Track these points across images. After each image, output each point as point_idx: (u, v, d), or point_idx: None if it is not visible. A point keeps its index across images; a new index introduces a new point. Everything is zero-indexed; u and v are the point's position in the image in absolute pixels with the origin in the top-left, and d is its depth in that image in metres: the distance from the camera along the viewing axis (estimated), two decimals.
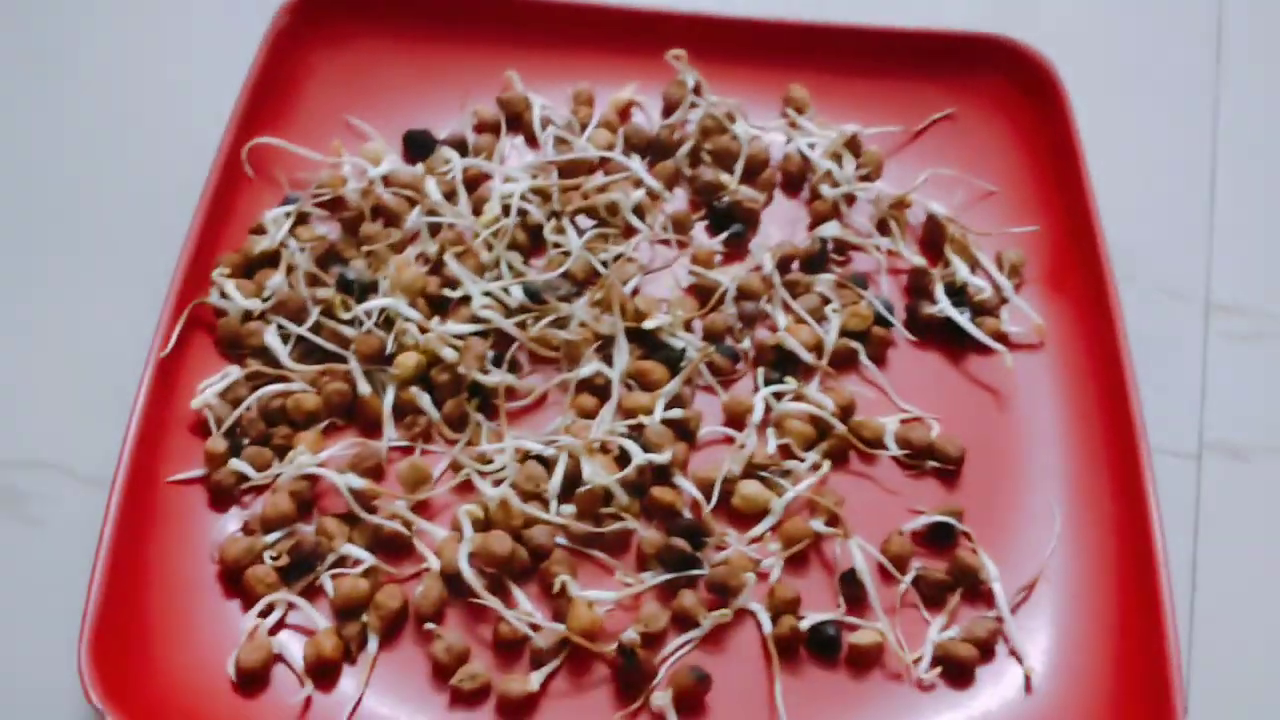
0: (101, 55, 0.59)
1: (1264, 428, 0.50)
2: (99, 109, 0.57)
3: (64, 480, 0.47)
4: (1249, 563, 0.47)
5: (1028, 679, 0.42)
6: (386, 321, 0.48)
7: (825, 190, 0.52)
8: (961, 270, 0.51)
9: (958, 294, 0.50)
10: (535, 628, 0.42)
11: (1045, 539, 0.45)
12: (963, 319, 0.49)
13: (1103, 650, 0.43)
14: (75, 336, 0.50)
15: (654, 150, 0.54)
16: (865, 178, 0.53)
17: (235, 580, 0.43)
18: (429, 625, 0.42)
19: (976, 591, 0.44)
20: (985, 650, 0.43)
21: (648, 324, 0.48)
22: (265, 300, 0.48)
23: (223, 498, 0.45)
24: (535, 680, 0.42)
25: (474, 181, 0.52)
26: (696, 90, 0.54)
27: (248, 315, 0.48)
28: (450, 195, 0.51)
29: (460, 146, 0.53)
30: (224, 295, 0.48)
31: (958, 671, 0.42)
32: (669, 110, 0.55)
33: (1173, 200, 0.56)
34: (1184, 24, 0.61)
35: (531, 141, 0.54)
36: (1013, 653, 0.43)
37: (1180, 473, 0.48)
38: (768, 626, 0.43)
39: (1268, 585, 0.46)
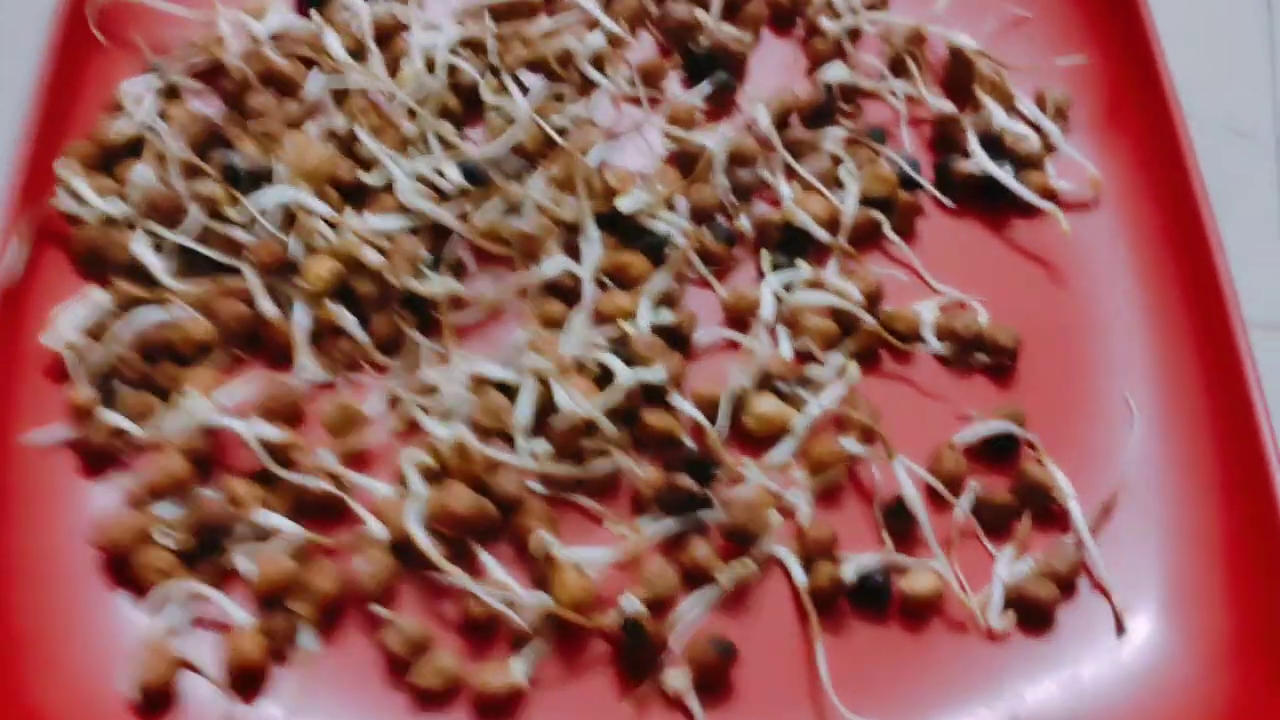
0: None
1: None
2: None
3: None
4: None
5: (1119, 619, 0.35)
6: (289, 219, 0.38)
7: (825, 24, 0.43)
8: (997, 115, 0.41)
9: (994, 145, 0.41)
10: (512, 603, 0.34)
11: (1121, 442, 0.37)
12: (1004, 175, 0.40)
13: (1210, 577, 0.35)
14: None
15: None
16: (872, 6, 0.44)
17: (122, 567, 0.34)
18: (377, 609, 0.34)
19: (1048, 513, 0.36)
20: (1066, 586, 0.35)
21: (621, 204, 0.38)
22: (129, 201, 0.37)
23: (96, 460, 0.35)
24: (518, 670, 0.33)
25: (387, 33, 0.42)
26: None
27: (109, 221, 0.38)
28: (358, 52, 0.41)
29: None
30: (76, 198, 0.37)
31: (1035, 615, 0.35)
32: None
33: (1231, 26, 0.47)
34: None
35: None
36: (1098, 587, 0.35)
37: (1269, 349, 0.41)
38: (801, 577, 0.35)
39: None
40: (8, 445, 0.35)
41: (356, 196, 0.39)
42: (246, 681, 0.33)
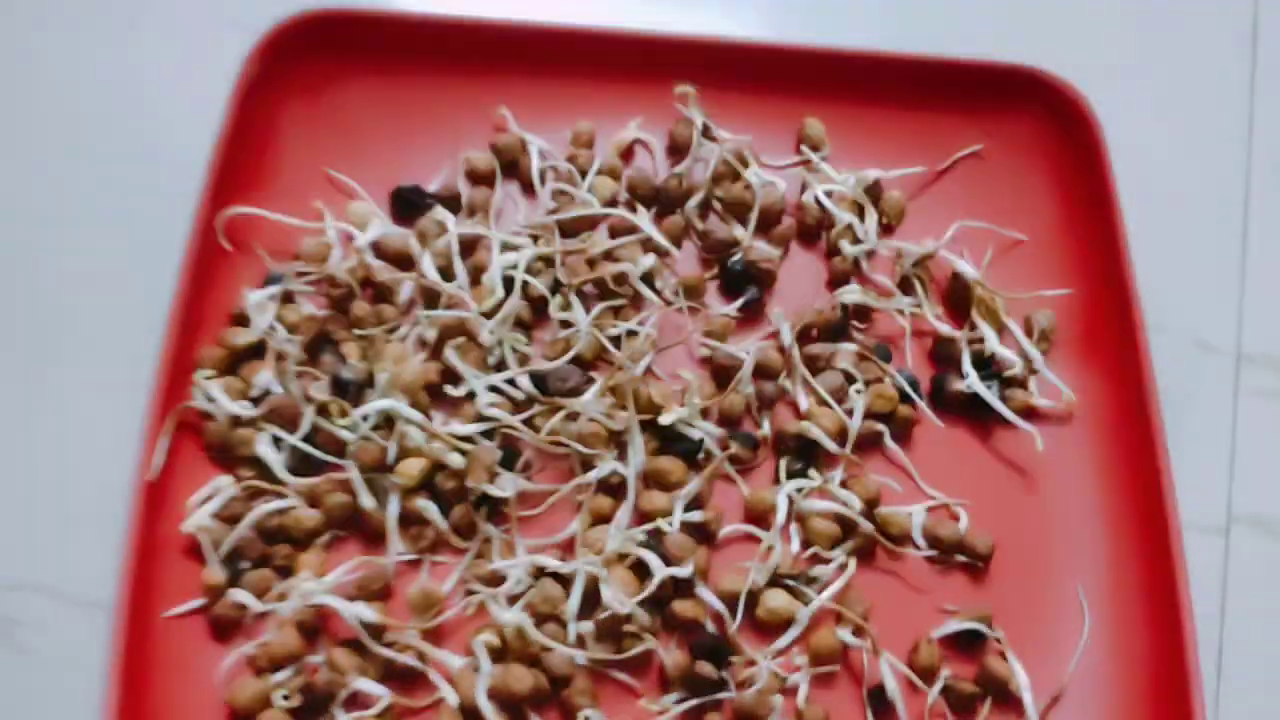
0: (61, 125, 0.52)
1: None
2: (64, 186, 0.50)
3: (52, 604, 0.44)
4: (1276, 644, 0.46)
5: None
6: (386, 421, 0.45)
7: (845, 247, 0.50)
8: (991, 340, 0.48)
9: (985, 365, 0.48)
10: None
11: (1075, 632, 0.45)
12: (993, 397, 0.47)
13: None
14: (54, 445, 0.47)
15: (660, 200, 0.50)
16: (886, 226, 0.51)
17: None
18: None
19: (1006, 699, 0.44)
20: None
21: (665, 420, 0.46)
22: (255, 402, 0.45)
23: (225, 629, 0.43)
24: None
25: (470, 243, 0.49)
26: (705, 130, 0.51)
27: (236, 420, 0.45)
28: (445, 268, 0.48)
29: (453, 201, 0.49)
30: (209, 399, 0.45)
31: None
32: (675, 150, 0.51)
33: (1202, 245, 0.53)
34: (1217, 58, 0.57)
35: (529, 189, 0.51)
36: None
37: (1208, 549, 0.47)
38: None
39: None
40: (156, 615, 0.43)
41: (441, 393, 0.46)
42: None
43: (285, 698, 0.41)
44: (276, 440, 0.45)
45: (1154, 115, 0.54)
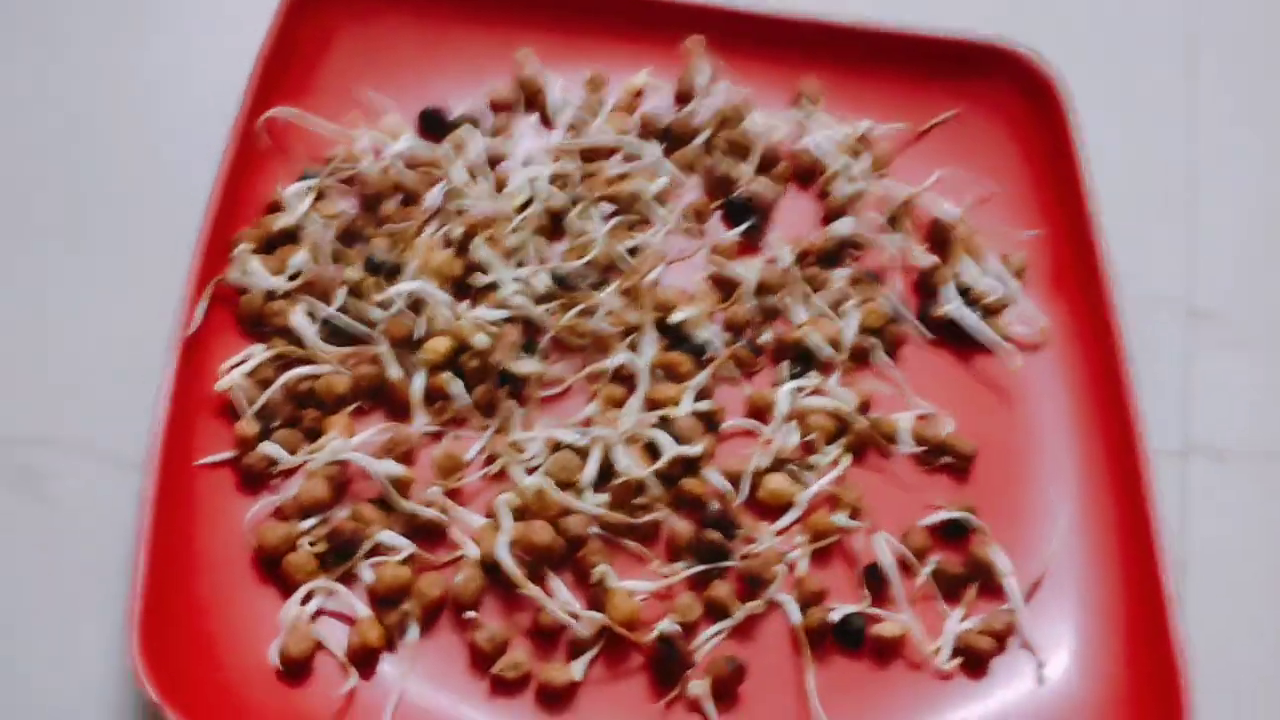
0: (111, 32, 0.58)
1: (1244, 432, 0.55)
2: (111, 86, 0.56)
3: (82, 459, 0.47)
4: (1231, 559, 0.52)
5: (1040, 670, 0.46)
6: (414, 305, 0.49)
7: (838, 187, 0.55)
8: (969, 270, 0.54)
9: (965, 293, 0.54)
10: (575, 617, 0.45)
11: (1049, 529, 0.49)
12: (972, 320, 0.53)
13: (1112, 640, 0.47)
14: (94, 313, 0.50)
15: (669, 138, 0.56)
16: (879, 172, 0.56)
17: (273, 566, 0.45)
18: (469, 614, 0.45)
19: (990, 585, 0.48)
20: (1000, 642, 0.47)
21: (674, 317, 0.50)
22: (292, 279, 0.49)
23: (254, 481, 0.46)
24: (576, 669, 0.44)
25: (492, 162, 0.54)
26: (710, 78, 0.57)
27: (270, 294, 0.49)
28: (472, 176, 0.53)
29: (477, 125, 0.54)
30: (246, 273, 0.49)
31: (975, 662, 0.46)
32: (681, 98, 0.57)
33: (1158, 206, 0.60)
34: (1162, 31, 0.66)
35: (547, 123, 0.56)
36: (1026, 645, 0.47)
37: (1167, 473, 0.53)
38: (797, 617, 0.46)
39: (1249, 579, 0.51)
40: (189, 466, 0.46)
41: (465, 291, 0.51)
42: (365, 661, 0.44)
43: (311, 543, 0.45)
44: (310, 314, 0.49)
45: (1112, 85, 0.61)
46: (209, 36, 0.58)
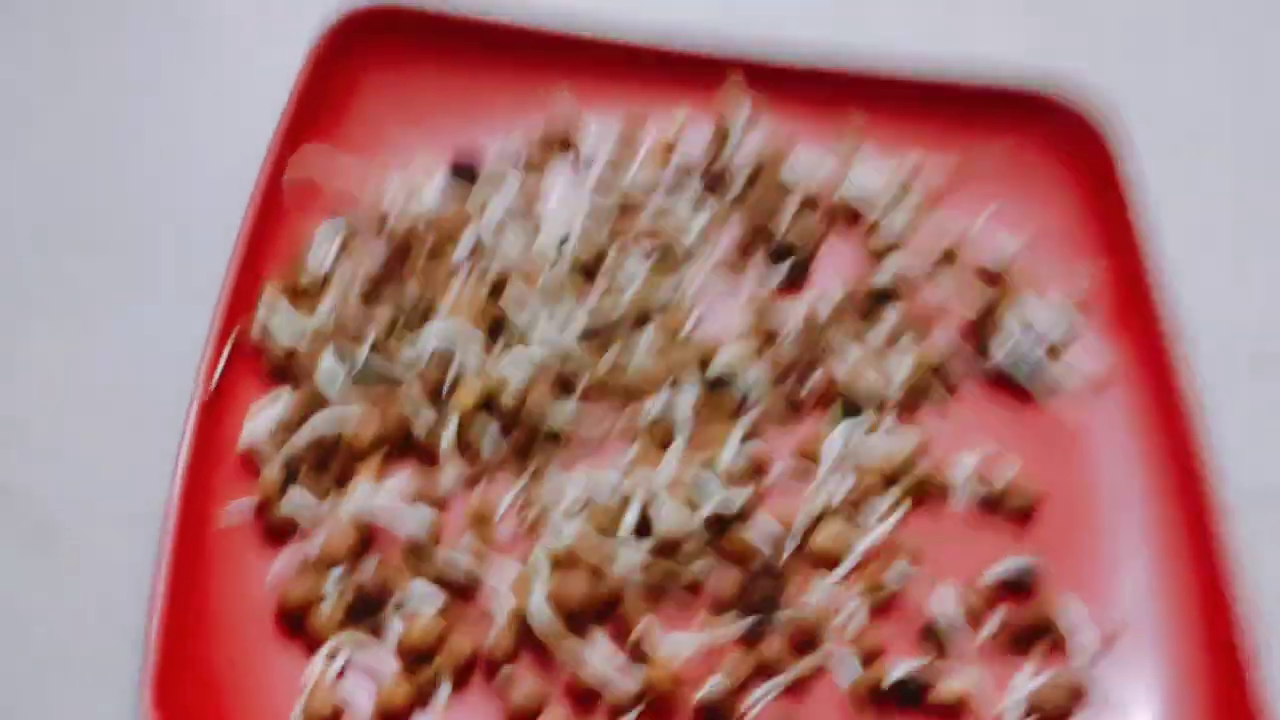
0: (142, 76, 0.58)
1: None
2: (138, 135, 0.56)
3: (101, 514, 0.46)
4: None
5: None
6: (444, 352, 0.48)
7: (884, 228, 0.54)
8: (1028, 309, 0.52)
9: (1023, 335, 0.52)
10: (616, 675, 0.42)
11: (1123, 584, 0.47)
12: (1033, 363, 0.51)
13: (1194, 698, 0.44)
14: (114, 364, 0.49)
15: (707, 179, 0.55)
16: (929, 206, 0.55)
17: (296, 622, 0.43)
18: (505, 670, 0.42)
19: (1058, 640, 0.45)
20: (1074, 701, 0.44)
21: (715, 363, 0.49)
22: (320, 325, 0.48)
23: (278, 533, 0.45)
24: None
25: (523, 211, 0.53)
26: (749, 118, 0.56)
27: (298, 340, 0.48)
28: (502, 226, 0.52)
29: (506, 176, 0.53)
30: (274, 319, 0.48)
31: None
32: (719, 140, 0.56)
33: (1215, 242, 0.58)
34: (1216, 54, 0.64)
35: (580, 164, 0.55)
36: (1102, 702, 0.44)
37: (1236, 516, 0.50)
38: (853, 675, 0.44)
39: None
40: (209, 518, 0.44)
41: (496, 332, 0.49)
42: None
43: (337, 597, 0.43)
44: (339, 359, 0.47)
45: (1166, 115, 0.59)
46: (238, 82, 0.58)
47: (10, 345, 0.50)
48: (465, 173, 0.53)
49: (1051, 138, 0.56)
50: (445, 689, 0.42)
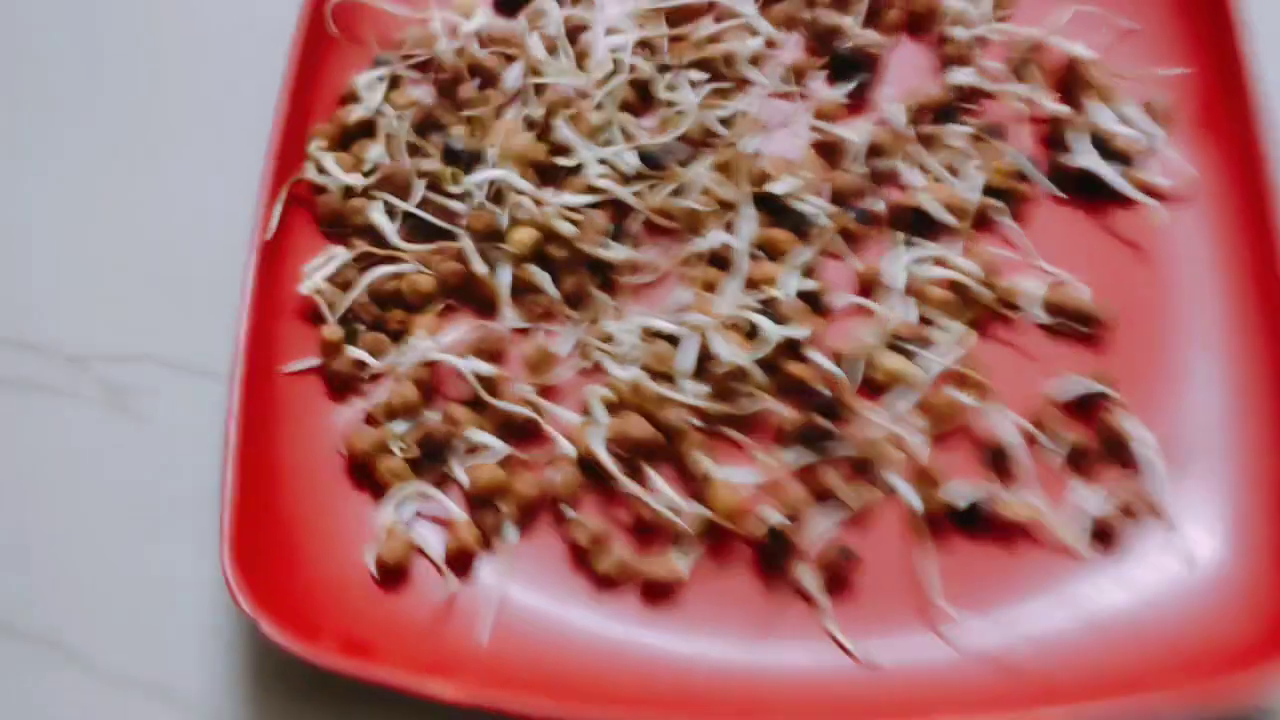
0: None
1: None
2: None
3: (168, 373, 0.48)
4: None
5: (1182, 548, 0.44)
6: (496, 194, 0.48)
7: (956, 32, 0.52)
8: (1106, 118, 0.50)
9: (1101, 144, 0.50)
10: (675, 510, 0.44)
11: (1199, 404, 0.46)
12: (1110, 172, 0.49)
13: (1261, 516, 0.44)
14: (166, 221, 0.51)
15: None
16: (1000, 16, 0.53)
17: (364, 472, 0.45)
18: (568, 512, 0.44)
19: (1128, 460, 0.45)
20: (1139, 519, 0.44)
21: (775, 189, 0.48)
22: (367, 175, 0.48)
23: (342, 387, 0.46)
24: (680, 563, 0.43)
25: (572, 34, 0.52)
26: None
27: (349, 191, 0.49)
28: (551, 51, 0.51)
29: None
30: (322, 171, 0.48)
31: (1114, 545, 0.44)
32: None
33: None
34: None
35: None
36: (1166, 521, 0.44)
37: None
38: (916, 504, 0.44)
39: None
40: (274, 374, 0.46)
41: (550, 174, 0.49)
42: (464, 564, 0.44)
43: (403, 448, 0.45)
44: (389, 210, 0.48)
45: None
46: None
47: (71, 208, 0.52)
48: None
49: None
50: (512, 532, 0.44)
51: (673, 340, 0.46)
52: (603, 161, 0.49)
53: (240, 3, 0.55)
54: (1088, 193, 0.50)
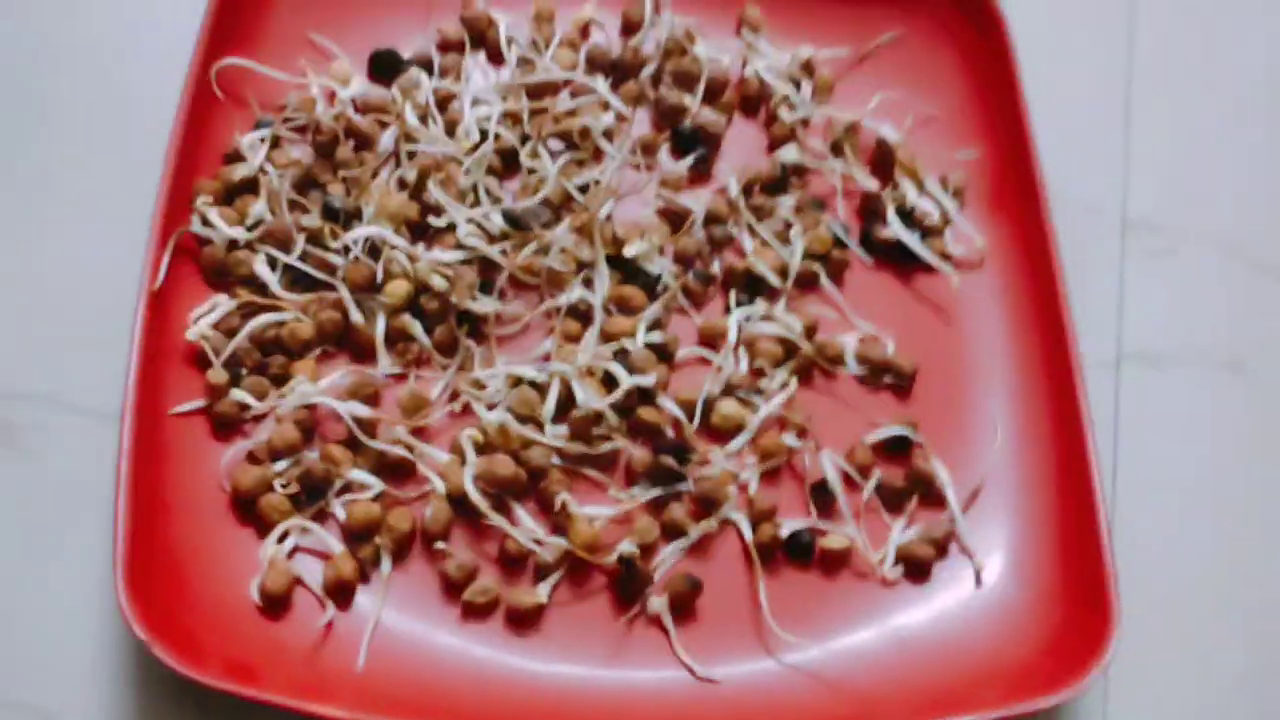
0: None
1: (1177, 339, 0.58)
2: (64, 42, 0.58)
3: (57, 411, 0.50)
4: (1164, 465, 0.56)
5: (978, 574, 0.51)
6: (372, 249, 0.52)
7: (783, 114, 0.58)
8: (910, 193, 0.57)
9: (906, 216, 0.57)
10: (539, 543, 0.48)
11: (988, 444, 0.53)
12: (914, 241, 0.56)
13: (1046, 545, 0.51)
14: (57, 267, 0.53)
15: (616, 71, 0.58)
16: (820, 100, 0.59)
17: (249, 508, 0.48)
18: (439, 545, 0.48)
19: (931, 496, 0.52)
20: (941, 549, 0.51)
21: (628, 251, 0.53)
22: (250, 229, 0.52)
23: (227, 427, 0.49)
24: (543, 592, 0.48)
25: (442, 103, 0.56)
26: (655, 9, 0.59)
27: (233, 244, 0.52)
28: (423, 118, 0.55)
29: (426, 66, 0.57)
30: (207, 224, 0.51)
31: (918, 569, 0.50)
32: (628, 30, 0.59)
33: (1091, 120, 0.63)
34: None
35: (495, 60, 0.58)
36: (964, 551, 0.51)
37: (1102, 380, 0.57)
38: (749, 534, 0.50)
39: (1181, 486, 0.55)
40: (162, 415, 0.49)
41: (422, 232, 0.53)
42: (341, 594, 0.47)
43: (284, 485, 0.48)
44: (271, 262, 0.51)
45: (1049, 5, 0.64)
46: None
47: None
48: (385, 65, 0.57)
49: (943, 13, 0.60)
50: (386, 563, 0.48)
51: (537, 386, 0.51)
52: (471, 221, 0.53)
53: (130, 65, 0.58)
54: (896, 258, 0.57)
